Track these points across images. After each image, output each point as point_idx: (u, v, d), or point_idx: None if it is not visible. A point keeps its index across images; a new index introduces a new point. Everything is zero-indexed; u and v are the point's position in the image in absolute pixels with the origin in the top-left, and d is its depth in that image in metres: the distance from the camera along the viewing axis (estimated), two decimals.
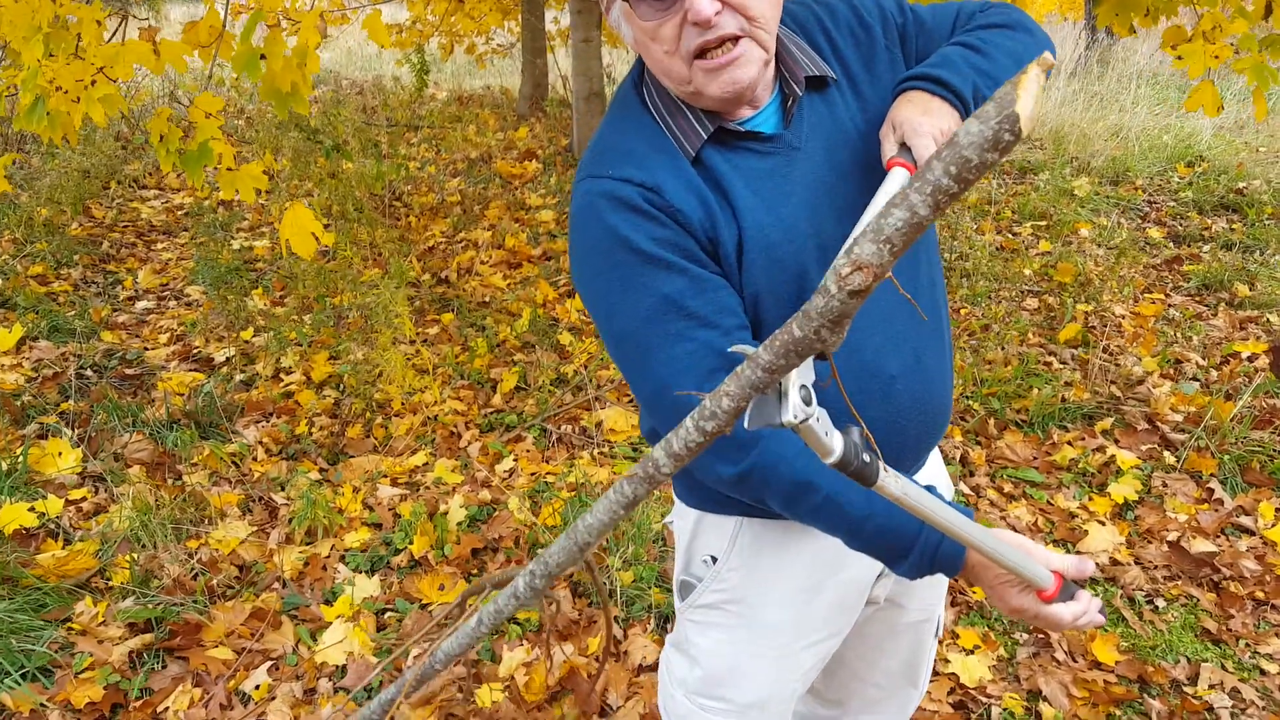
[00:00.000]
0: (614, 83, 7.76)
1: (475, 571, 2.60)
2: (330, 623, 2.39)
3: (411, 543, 2.66)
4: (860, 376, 1.14)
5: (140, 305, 4.51)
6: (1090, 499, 2.92)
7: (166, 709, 2.13)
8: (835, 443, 0.76)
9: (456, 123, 8.20)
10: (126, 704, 2.13)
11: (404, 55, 8.88)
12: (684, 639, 1.36)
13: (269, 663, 2.29)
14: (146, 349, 3.99)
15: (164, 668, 2.25)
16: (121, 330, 4.19)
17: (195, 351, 3.97)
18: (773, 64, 1.12)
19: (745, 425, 0.72)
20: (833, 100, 1.15)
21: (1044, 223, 5.53)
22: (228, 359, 3.87)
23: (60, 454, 3.01)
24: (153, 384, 3.65)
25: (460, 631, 0.99)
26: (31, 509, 2.68)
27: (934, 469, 1.37)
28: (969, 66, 1.14)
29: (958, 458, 3.14)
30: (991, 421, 3.34)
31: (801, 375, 0.74)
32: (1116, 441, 3.22)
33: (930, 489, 1.03)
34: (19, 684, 2.08)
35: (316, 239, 2.43)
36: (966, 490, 2.98)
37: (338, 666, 2.28)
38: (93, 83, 2.11)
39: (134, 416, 3.32)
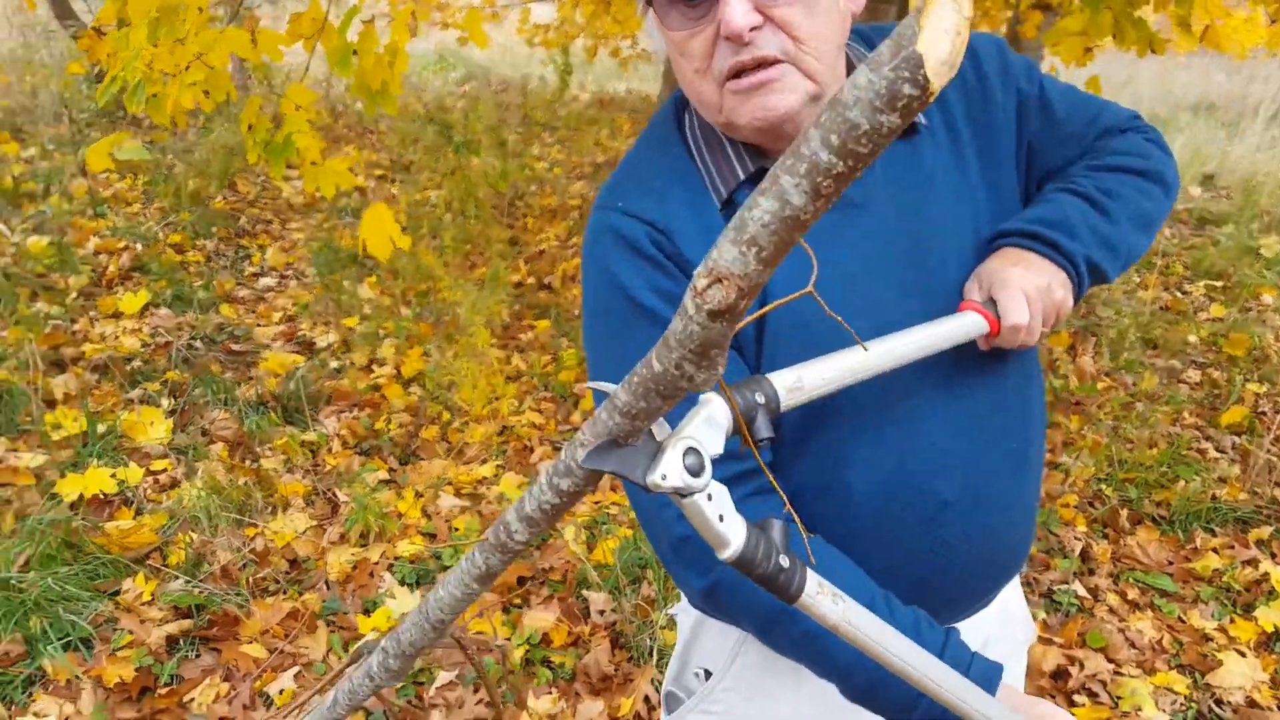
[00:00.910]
0: None
1: (518, 602, 2.50)
2: (364, 634, 2.34)
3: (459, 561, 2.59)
4: (902, 496, 0.95)
5: (263, 282, 4.67)
6: (1232, 620, 2.47)
7: (192, 699, 2.13)
8: (734, 532, 0.60)
9: (591, 125, 8.21)
10: (154, 688, 2.14)
11: (549, 56, 8.97)
12: None
13: (297, 668, 2.26)
14: (259, 326, 4.12)
15: (197, 656, 2.26)
16: (240, 305, 4.35)
17: (300, 334, 4.07)
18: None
19: (583, 464, 0.57)
20: (920, 149, 0.97)
21: (1220, 283, 4.91)
22: (328, 345, 3.94)
23: (152, 423, 3.11)
24: (254, 362, 3.75)
25: (314, 714, 0.88)
26: (113, 475, 2.76)
27: (996, 611, 1.11)
28: (1089, 230, 0.96)
29: (1077, 550, 2.75)
30: (1124, 513, 2.92)
31: (702, 430, 0.59)
32: (1273, 556, 2.73)
33: (983, 666, 0.84)
34: (59, 653, 2.12)
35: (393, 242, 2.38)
36: (1083, 592, 2.59)
37: None
38: (187, 68, 2.13)
39: (228, 393, 3.41)
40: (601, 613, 2.44)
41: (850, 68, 0.97)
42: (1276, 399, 3.65)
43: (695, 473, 0.56)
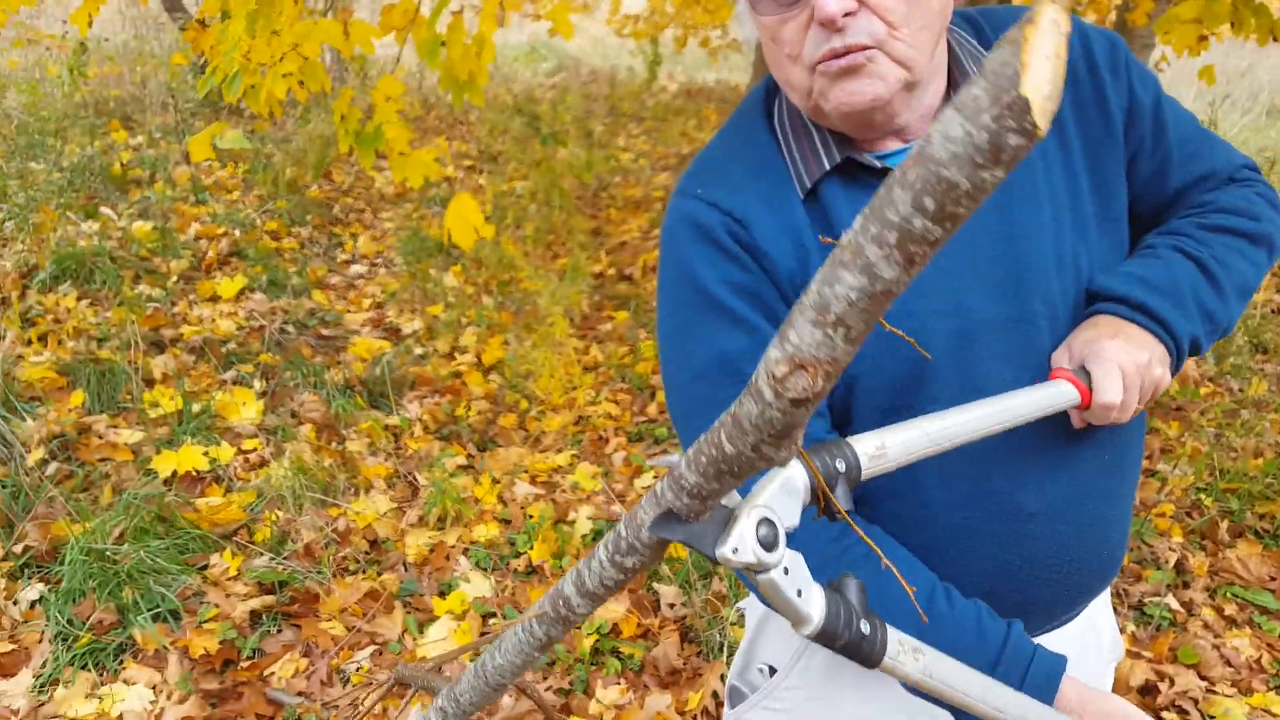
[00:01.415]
0: None
1: None
2: (439, 617, 2.38)
3: (533, 548, 2.61)
4: (983, 506, 0.90)
5: (353, 269, 4.80)
6: None
7: (272, 674, 2.19)
8: (814, 606, 0.57)
9: (678, 116, 8.17)
10: (237, 660, 2.22)
11: (638, 46, 8.96)
12: None
13: (374, 647, 2.30)
14: (349, 312, 4.23)
15: (278, 632, 2.32)
16: (331, 291, 4.47)
17: (387, 321, 4.16)
18: (937, 89, 0.90)
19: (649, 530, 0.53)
20: None
21: None
22: (413, 332, 4.02)
23: (244, 404, 3.22)
24: (343, 347, 3.85)
25: None
26: (205, 453, 2.87)
27: (1080, 627, 1.05)
28: (1197, 304, 0.90)
29: (1172, 562, 2.61)
30: (1224, 525, 2.76)
31: (778, 499, 0.55)
32: None
33: (1046, 660, 0.80)
34: (149, 624, 2.21)
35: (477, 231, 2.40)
36: (1176, 605, 2.47)
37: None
38: (281, 58, 2.18)
39: (317, 377, 3.51)
40: (671, 606, 2.42)
41: (952, 55, 0.92)
42: None
43: (769, 546, 0.53)
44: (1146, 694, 2.21)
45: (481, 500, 2.86)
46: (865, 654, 0.61)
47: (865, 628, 0.61)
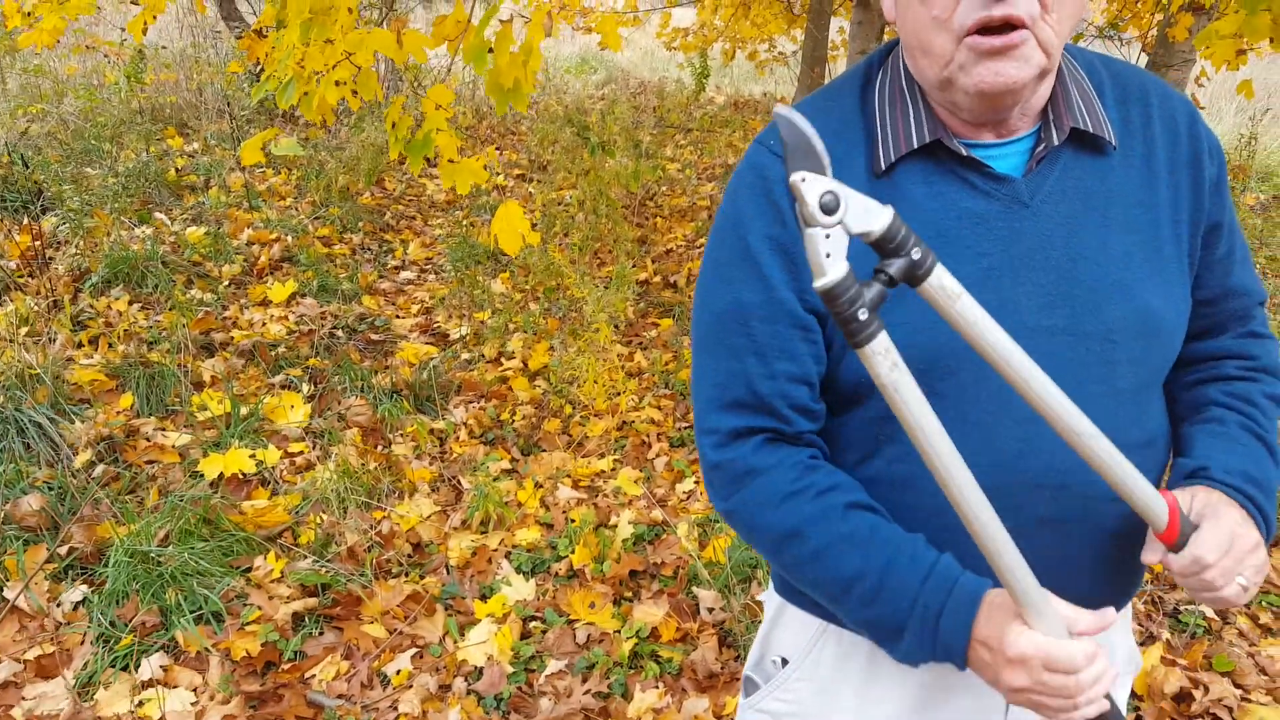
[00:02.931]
0: None
1: (629, 595, 2.47)
2: (480, 620, 2.37)
3: (574, 551, 2.59)
4: (997, 500, 0.85)
5: (403, 275, 4.85)
6: None
7: (314, 676, 2.20)
8: (833, 268, 0.68)
9: (724, 128, 8.15)
10: (279, 662, 2.23)
11: (687, 59, 8.97)
12: None
13: (415, 650, 2.30)
14: (398, 317, 4.27)
15: (321, 634, 2.33)
16: (380, 296, 4.52)
17: (435, 326, 4.19)
18: (1047, 90, 0.89)
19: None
20: (1108, 168, 0.91)
21: None
22: (461, 337, 4.04)
23: (292, 407, 3.26)
24: (391, 351, 3.89)
25: None
26: (252, 456, 2.90)
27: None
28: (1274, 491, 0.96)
29: None
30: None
31: (856, 202, 0.69)
32: None
33: (935, 553, 0.90)
34: (191, 626, 2.24)
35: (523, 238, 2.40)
36: (1211, 614, 2.43)
37: (476, 668, 2.24)
38: (334, 66, 2.21)
39: (364, 381, 3.54)
40: (710, 610, 2.39)
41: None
42: None
43: (828, 210, 0.67)
44: (1181, 701, 2.17)
45: (524, 504, 2.85)
46: (853, 331, 0.69)
47: (863, 315, 0.69)
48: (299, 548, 2.57)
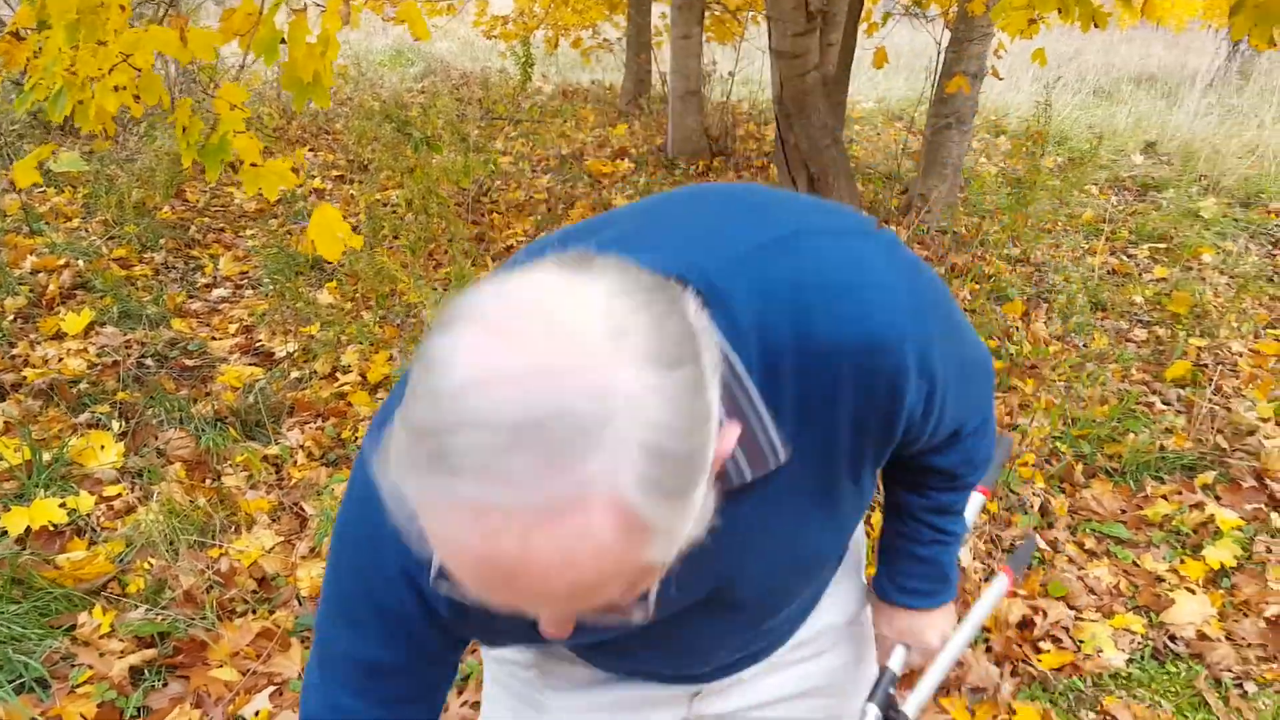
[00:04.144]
0: (712, 81, 7.49)
1: None
2: None
3: None
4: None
5: (216, 293, 4.51)
6: (1182, 562, 2.58)
7: None
8: None
9: (555, 118, 8.09)
10: None
11: (509, 48, 8.83)
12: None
13: (272, 688, 2.15)
14: (214, 339, 3.97)
15: (164, 686, 2.14)
16: (193, 318, 4.19)
17: (258, 344, 3.93)
18: None
19: None
20: (775, 477, 0.78)
21: (1163, 246, 5.07)
22: (288, 354, 3.81)
23: (103, 447, 2.97)
24: (210, 376, 3.61)
25: None
26: (62, 505, 2.62)
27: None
28: (951, 561, 1.12)
29: (1036, 506, 2.80)
30: (1079, 468, 2.99)
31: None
32: (1218, 499, 2.84)
33: None
34: (11, 696, 2.00)
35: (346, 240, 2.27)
36: (1043, 545, 2.65)
37: None
38: (110, 70, 2.00)
39: (183, 412, 3.27)
40: None
41: None
42: (1217, 352, 3.80)
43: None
44: (1024, 628, 2.37)
45: None
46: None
47: None
48: (128, 598, 2.34)
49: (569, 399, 0.48)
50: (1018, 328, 3.96)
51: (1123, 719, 2.09)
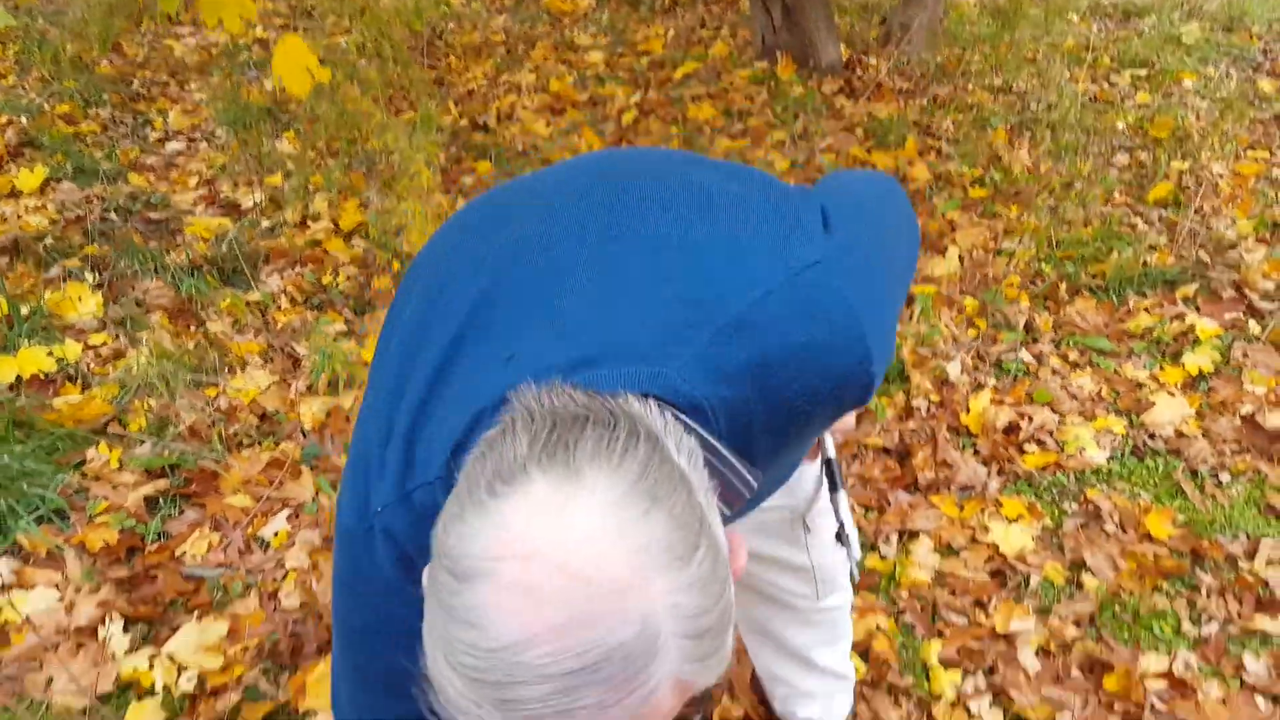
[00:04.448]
0: None
1: None
2: None
3: None
4: None
5: (170, 147, 4.36)
6: (1162, 369, 2.71)
7: (184, 553, 2.11)
8: None
9: None
10: (143, 547, 2.12)
11: None
12: None
13: (288, 510, 2.25)
14: (174, 193, 3.87)
15: (180, 514, 2.22)
16: (149, 173, 4.07)
17: (222, 196, 3.85)
18: None
19: None
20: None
21: (1145, 72, 5.05)
22: (255, 204, 3.74)
23: (80, 298, 2.94)
24: (178, 229, 3.55)
25: None
26: (50, 354, 2.62)
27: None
28: None
29: (1022, 324, 2.92)
30: (1063, 286, 3.09)
31: None
32: (1198, 309, 2.96)
33: None
34: (33, 527, 2.07)
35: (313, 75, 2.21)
36: (1029, 358, 2.78)
37: None
38: None
39: (156, 262, 3.23)
40: None
41: None
42: (1198, 174, 3.84)
43: None
44: (1010, 433, 2.50)
45: (369, 363, 2.77)
46: None
47: None
48: (132, 436, 2.39)
49: (615, 637, 0.51)
50: (1001, 156, 3.99)
51: (1104, 508, 2.24)
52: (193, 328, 2.92)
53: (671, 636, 0.53)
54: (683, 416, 0.67)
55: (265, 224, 3.59)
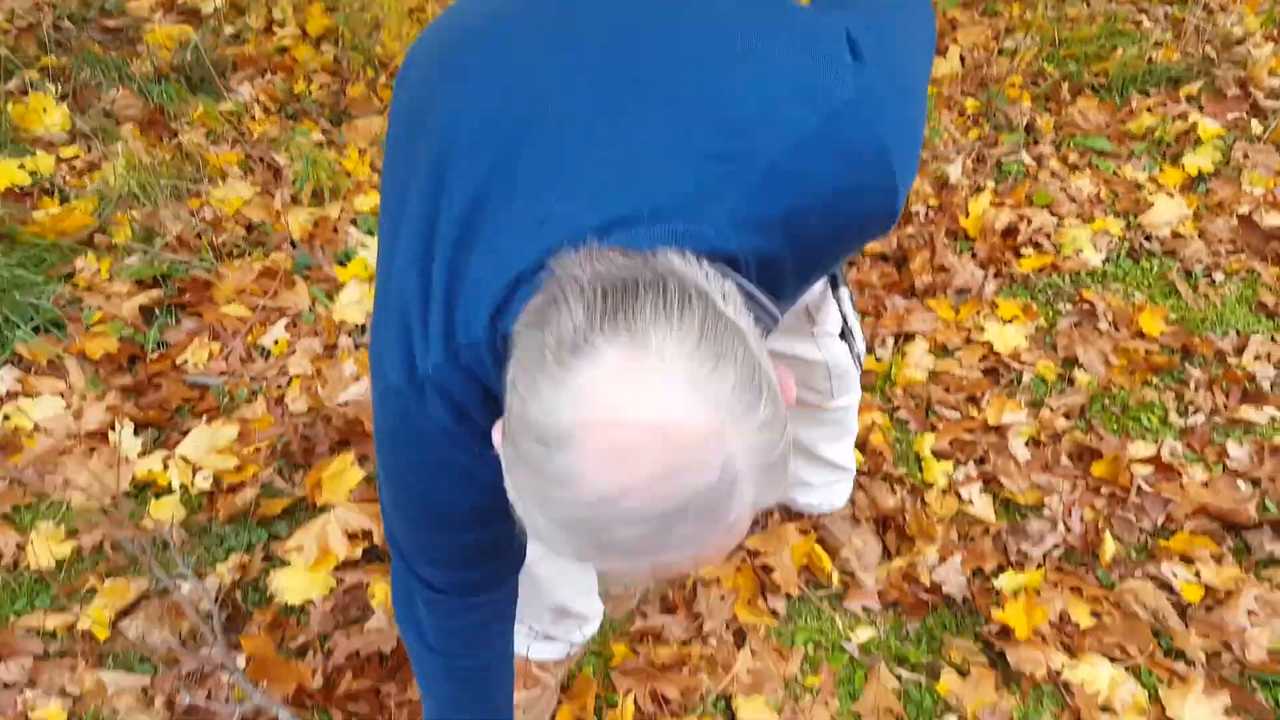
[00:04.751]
0: None
1: None
2: (345, 283, 2.30)
3: None
4: None
5: None
6: (1161, 170, 2.67)
7: (185, 361, 2.11)
8: None
9: None
10: (144, 356, 2.11)
11: None
12: None
13: (286, 319, 2.23)
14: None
15: (178, 323, 2.21)
16: None
17: (180, 2, 3.60)
18: None
19: None
20: None
21: None
22: (215, 9, 3.51)
23: (45, 110, 2.79)
24: (137, 38, 3.34)
25: None
26: (22, 166, 2.52)
27: None
28: None
29: (1023, 124, 2.85)
30: (1065, 85, 3.00)
31: None
32: (1201, 109, 2.89)
33: None
34: (31, 336, 2.04)
35: None
36: (1029, 160, 2.73)
37: (358, 325, 2.22)
38: None
39: (120, 71, 3.06)
40: None
41: None
42: None
43: None
44: (1009, 235, 2.49)
45: (353, 172, 2.69)
46: None
47: None
48: (120, 246, 2.33)
49: (701, 481, 0.56)
50: None
51: (1098, 307, 2.26)
52: (165, 139, 2.80)
53: (747, 473, 0.58)
54: (719, 264, 0.69)
55: (229, 30, 3.38)
